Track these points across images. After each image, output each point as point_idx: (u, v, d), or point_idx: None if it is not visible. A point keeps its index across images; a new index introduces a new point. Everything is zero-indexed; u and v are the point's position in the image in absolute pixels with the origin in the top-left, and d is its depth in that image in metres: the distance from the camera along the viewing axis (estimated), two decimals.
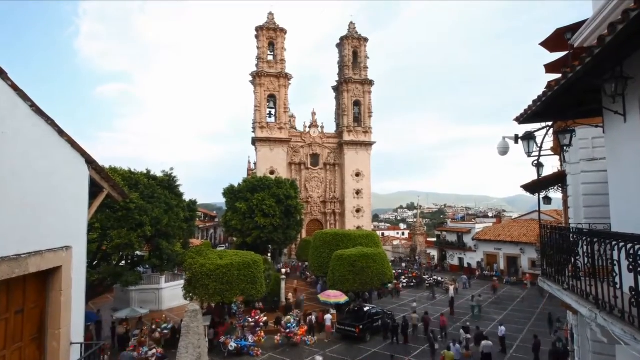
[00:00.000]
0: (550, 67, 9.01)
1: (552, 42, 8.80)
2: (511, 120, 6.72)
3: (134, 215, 18.26)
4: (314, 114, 63.48)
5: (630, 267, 3.62)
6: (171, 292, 29.30)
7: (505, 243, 43.32)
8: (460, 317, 26.74)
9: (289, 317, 23.15)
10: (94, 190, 6.60)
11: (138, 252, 22.20)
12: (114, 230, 18.07)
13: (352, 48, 63.92)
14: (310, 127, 62.66)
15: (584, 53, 4.39)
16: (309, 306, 28.53)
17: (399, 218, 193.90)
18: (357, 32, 64.73)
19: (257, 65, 59.72)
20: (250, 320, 21.67)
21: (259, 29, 60.23)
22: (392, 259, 52.95)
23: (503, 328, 20.54)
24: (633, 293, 3.63)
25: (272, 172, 55.48)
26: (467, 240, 48.59)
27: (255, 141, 58.70)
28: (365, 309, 23.90)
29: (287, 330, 21.45)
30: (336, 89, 66.16)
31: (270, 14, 61.75)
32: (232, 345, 19.35)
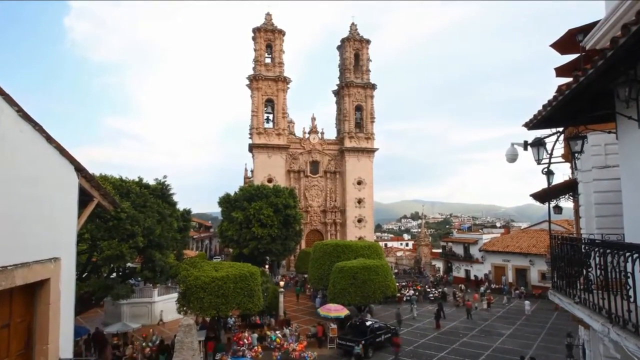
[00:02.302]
0: (560, 70, 8.93)
1: (563, 44, 8.68)
2: (520, 125, 6.58)
3: (125, 225, 17.80)
4: (313, 119, 61.78)
5: None
6: (164, 306, 28.69)
7: (513, 254, 42.14)
8: (467, 332, 26.38)
9: (269, 332, 22.80)
10: (84, 199, 6.52)
11: (129, 264, 21.69)
12: (104, 241, 17.65)
13: (353, 50, 62.24)
14: (309, 133, 60.91)
15: (596, 55, 4.33)
16: (307, 320, 28.12)
17: (402, 228, 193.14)
18: (358, 34, 63.08)
19: (254, 69, 58.46)
20: (241, 347, 20.99)
21: (256, 30, 58.90)
22: (396, 271, 52.14)
23: None
24: None
25: (269, 180, 54.58)
26: (474, 251, 47.52)
27: (252, 148, 57.13)
28: (368, 323, 23.30)
29: (271, 345, 21.11)
30: (337, 93, 64.58)
31: (268, 14, 60.31)
32: None
